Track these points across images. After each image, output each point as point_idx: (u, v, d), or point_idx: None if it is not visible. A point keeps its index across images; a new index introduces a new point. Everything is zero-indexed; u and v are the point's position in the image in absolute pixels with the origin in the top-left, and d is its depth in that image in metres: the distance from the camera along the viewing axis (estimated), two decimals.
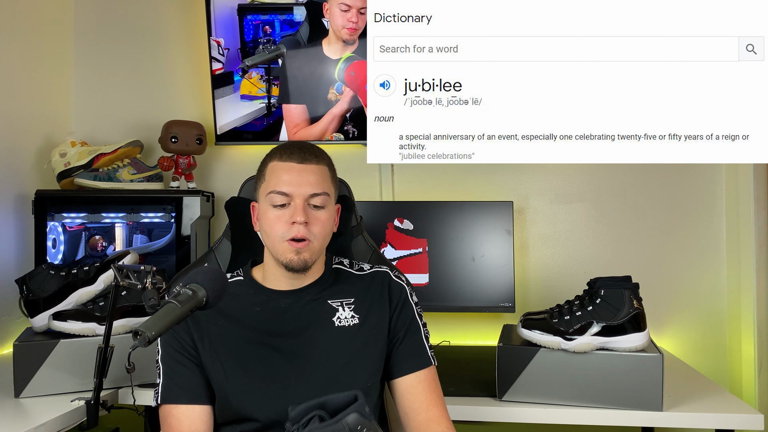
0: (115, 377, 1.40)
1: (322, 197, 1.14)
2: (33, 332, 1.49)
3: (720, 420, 1.32)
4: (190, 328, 1.14)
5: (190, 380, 1.13)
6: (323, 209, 1.15)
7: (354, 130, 2.05)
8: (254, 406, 1.10)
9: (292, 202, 1.12)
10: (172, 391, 1.12)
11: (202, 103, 2.17)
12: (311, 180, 1.14)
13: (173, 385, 1.12)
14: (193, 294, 0.96)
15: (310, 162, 1.15)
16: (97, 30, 2.23)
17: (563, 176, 2.09)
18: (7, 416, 1.28)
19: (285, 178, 1.13)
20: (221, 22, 2.05)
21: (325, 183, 1.16)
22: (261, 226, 1.17)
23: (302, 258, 1.12)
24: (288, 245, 1.12)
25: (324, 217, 1.14)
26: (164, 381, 1.13)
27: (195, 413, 1.12)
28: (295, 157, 1.15)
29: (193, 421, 1.11)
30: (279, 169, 1.15)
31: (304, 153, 1.16)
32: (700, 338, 2.02)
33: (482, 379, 1.52)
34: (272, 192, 1.13)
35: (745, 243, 1.91)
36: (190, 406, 1.12)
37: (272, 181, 1.14)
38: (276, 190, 1.13)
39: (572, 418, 1.34)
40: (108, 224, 1.93)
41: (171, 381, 1.13)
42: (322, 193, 1.14)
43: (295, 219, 1.11)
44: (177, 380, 1.13)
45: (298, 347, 1.14)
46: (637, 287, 1.38)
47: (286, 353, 1.13)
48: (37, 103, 2.05)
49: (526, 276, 2.09)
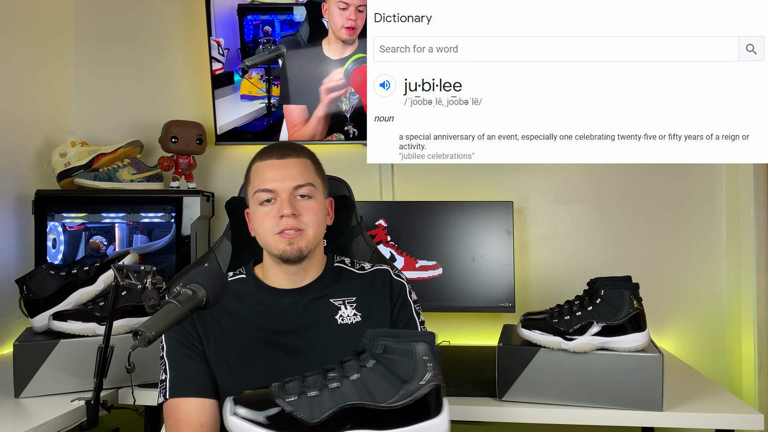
0: (115, 377, 1.40)
1: (307, 187, 1.15)
2: (33, 332, 1.49)
3: (720, 420, 1.32)
4: (196, 323, 1.14)
5: (198, 373, 1.12)
6: (311, 199, 1.16)
7: (354, 130, 2.05)
8: None
9: (278, 197, 1.14)
10: (181, 384, 1.11)
11: (202, 103, 2.17)
12: (294, 173, 1.15)
13: (181, 379, 1.11)
14: (193, 294, 0.96)
15: (290, 156, 1.17)
16: (97, 30, 2.23)
17: (563, 176, 2.09)
18: (7, 416, 1.28)
19: (268, 175, 1.15)
20: (221, 22, 2.05)
21: (309, 174, 1.17)
22: (254, 228, 1.18)
23: (296, 247, 1.13)
24: (279, 237, 1.13)
25: (313, 206, 1.15)
26: (172, 375, 1.12)
27: (205, 406, 1.10)
28: (274, 155, 1.17)
29: (203, 414, 1.10)
30: (261, 168, 1.17)
31: (283, 149, 1.18)
32: (700, 338, 2.02)
33: (482, 379, 1.52)
34: (257, 191, 1.15)
35: (745, 243, 1.91)
36: (200, 399, 1.10)
37: (256, 181, 1.16)
38: (260, 188, 1.14)
39: (572, 418, 1.34)
40: (108, 224, 1.93)
41: (179, 374, 1.11)
42: (307, 183, 1.15)
43: (282, 212, 1.12)
44: (185, 374, 1.11)
45: (302, 345, 1.14)
46: (637, 287, 1.38)
47: (289, 351, 1.13)
48: (37, 103, 2.05)
49: (526, 276, 2.09)
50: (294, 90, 2.05)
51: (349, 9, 1.97)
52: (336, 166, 1.90)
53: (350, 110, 2.04)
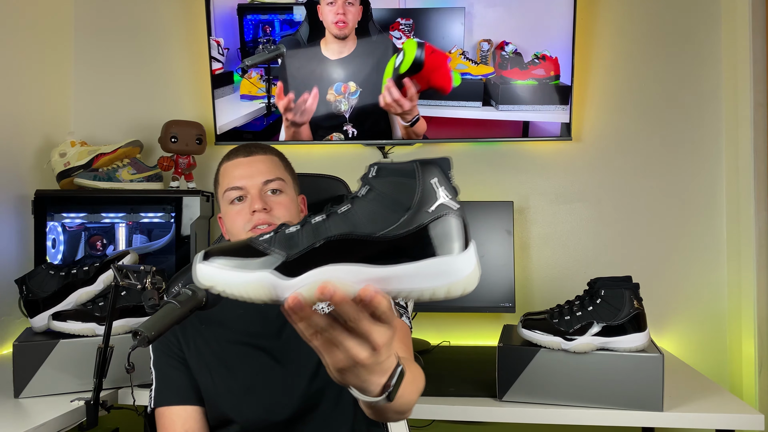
0: (114, 377, 1.40)
1: (277, 182, 1.15)
2: (33, 332, 1.49)
3: (720, 420, 1.32)
4: (177, 331, 1.14)
5: (180, 382, 1.14)
6: (282, 194, 1.15)
7: (353, 131, 2.05)
8: (242, 407, 1.11)
9: (248, 194, 1.14)
10: (164, 393, 1.13)
11: (202, 103, 2.17)
12: (261, 168, 1.15)
13: (164, 388, 1.14)
14: (193, 294, 0.96)
15: (257, 154, 1.18)
16: (97, 30, 2.23)
17: (563, 176, 2.09)
18: (7, 416, 1.28)
19: (236, 173, 1.15)
20: (221, 22, 2.05)
21: (278, 170, 1.17)
22: (227, 230, 1.18)
23: None
24: (252, 234, 1.11)
25: (284, 201, 1.15)
26: (156, 385, 1.14)
27: (187, 413, 1.12)
28: (240, 153, 1.18)
29: (186, 421, 1.12)
30: (229, 168, 1.17)
31: (249, 148, 1.19)
32: (700, 338, 2.02)
33: (482, 379, 1.52)
34: (227, 190, 1.15)
35: (746, 243, 1.90)
36: (182, 406, 1.13)
37: (225, 181, 1.16)
38: (230, 187, 1.15)
39: (572, 418, 1.34)
40: (108, 224, 1.93)
41: (162, 384, 1.14)
42: (276, 178, 1.15)
43: (253, 208, 1.12)
44: (168, 383, 1.14)
45: (281, 346, 1.14)
46: (638, 287, 1.38)
47: (271, 353, 1.13)
48: (36, 103, 2.05)
49: (527, 276, 2.09)
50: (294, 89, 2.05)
51: (337, 3, 1.98)
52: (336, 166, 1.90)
53: (349, 110, 2.04)
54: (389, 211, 0.63)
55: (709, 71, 2.03)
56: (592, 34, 2.07)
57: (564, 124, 1.98)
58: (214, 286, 0.64)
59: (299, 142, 2.06)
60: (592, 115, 2.07)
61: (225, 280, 0.63)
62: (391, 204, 0.63)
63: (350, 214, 0.64)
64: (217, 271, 0.63)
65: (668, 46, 2.05)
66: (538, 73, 1.97)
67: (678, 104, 2.05)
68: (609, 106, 2.07)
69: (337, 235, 0.62)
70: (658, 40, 2.05)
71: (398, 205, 0.63)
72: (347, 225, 0.63)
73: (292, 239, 0.64)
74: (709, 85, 2.03)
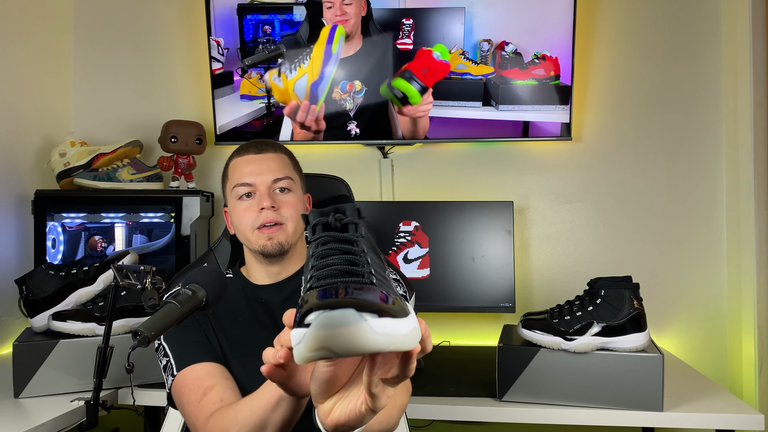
0: (114, 377, 1.40)
1: (286, 181, 1.16)
2: (33, 332, 1.49)
3: (720, 420, 1.32)
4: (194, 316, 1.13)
5: (201, 342, 1.10)
6: (290, 192, 1.17)
7: (356, 130, 2.05)
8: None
9: (257, 191, 1.15)
10: (187, 355, 1.08)
11: (201, 103, 2.17)
12: (272, 166, 1.16)
13: (185, 352, 1.09)
14: (193, 294, 0.96)
15: (268, 151, 1.18)
16: (97, 30, 2.23)
17: (563, 176, 2.09)
18: (7, 416, 1.28)
19: (246, 169, 1.16)
20: (221, 22, 2.05)
21: (287, 168, 1.18)
22: (233, 224, 1.19)
23: (276, 242, 1.13)
24: (259, 233, 1.13)
25: (292, 200, 1.16)
26: (175, 353, 1.09)
27: (216, 369, 1.07)
28: (252, 150, 1.18)
29: (214, 374, 1.06)
30: (239, 163, 1.18)
31: (260, 145, 1.19)
32: (700, 338, 2.02)
33: (482, 379, 1.52)
34: (236, 185, 1.16)
35: (746, 243, 1.90)
36: (209, 363, 1.07)
37: (234, 176, 1.17)
38: (239, 183, 1.15)
39: (572, 418, 1.34)
40: (108, 224, 1.92)
41: (182, 349, 1.09)
42: (285, 177, 1.16)
43: (262, 205, 1.13)
44: (188, 347, 1.09)
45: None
46: (638, 287, 1.38)
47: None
48: (36, 103, 2.05)
49: (527, 276, 2.09)
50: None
51: (335, 6, 1.98)
52: (336, 166, 1.90)
53: (354, 109, 2.04)
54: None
55: (709, 71, 2.03)
56: (592, 34, 2.07)
57: (564, 124, 1.98)
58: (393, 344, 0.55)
59: (299, 141, 2.06)
60: (592, 115, 2.07)
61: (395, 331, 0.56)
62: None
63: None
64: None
65: (668, 46, 2.05)
66: (538, 73, 1.97)
67: (678, 104, 2.05)
68: (609, 106, 2.07)
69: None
70: (658, 40, 2.05)
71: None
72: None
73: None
74: (709, 85, 2.03)
